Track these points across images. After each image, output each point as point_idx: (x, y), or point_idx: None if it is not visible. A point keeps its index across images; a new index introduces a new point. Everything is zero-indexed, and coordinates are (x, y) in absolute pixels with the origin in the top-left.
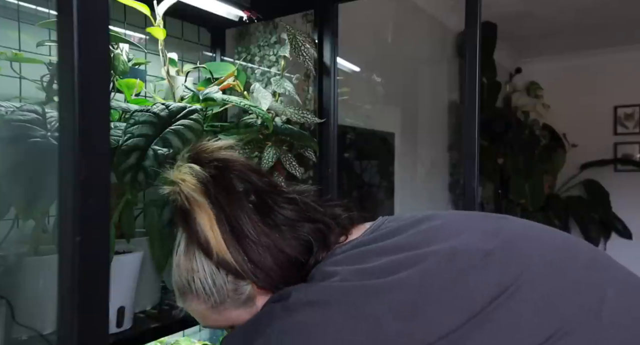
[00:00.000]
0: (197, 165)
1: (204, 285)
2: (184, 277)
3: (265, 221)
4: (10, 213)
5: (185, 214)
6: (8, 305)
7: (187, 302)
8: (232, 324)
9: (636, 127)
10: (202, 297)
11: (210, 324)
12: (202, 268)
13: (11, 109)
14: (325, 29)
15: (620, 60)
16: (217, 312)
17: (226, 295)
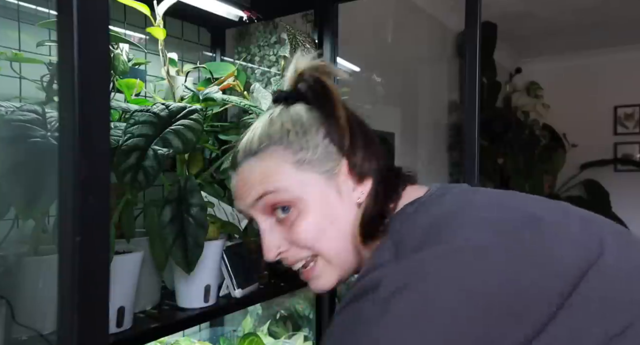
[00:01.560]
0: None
1: (301, 138)
2: (278, 128)
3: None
4: (10, 213)
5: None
6: (8, 305)
7: (265, 153)
8: (300, 194)
9: (636, 127)
10: (294, 148)
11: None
12: (302, 124)
13: (11, 109)
14: (325, 29)
15: (620, 60)
16: (298, 170)
17: (316, 155)
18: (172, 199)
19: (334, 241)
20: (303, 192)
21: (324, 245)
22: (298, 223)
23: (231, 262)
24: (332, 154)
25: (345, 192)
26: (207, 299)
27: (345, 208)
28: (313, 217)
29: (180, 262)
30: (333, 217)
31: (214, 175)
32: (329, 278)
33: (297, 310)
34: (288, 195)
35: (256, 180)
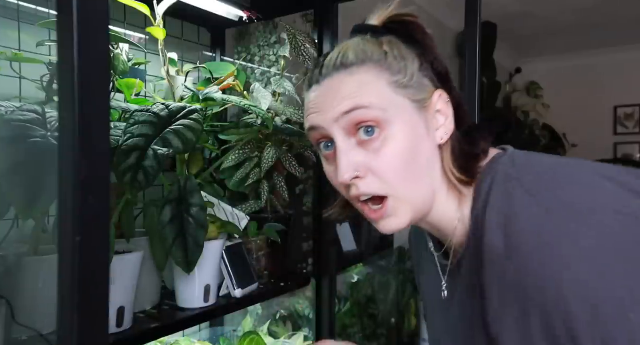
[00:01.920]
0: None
1: (399, 61)
2: (376, 48)
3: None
4: (10, 213)
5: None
6: (8, 305)
7: (360, 69)
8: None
9: (636, 127)
10: (392, 70)
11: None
12: (400, 49)
13: (11, 109)
14: (325, 29)
15: (620, 60)
16: (393, 90)
17: (412, 82)
18: (172, 199)
19: (412, 176)
20: (395, 115)
21: (402, 179)
22: (382, 149)
23: (231, 262)
24: (425, 87)
25: (432, 128)
26: (207, 299)
27: (429, 145)
28: (399, 146)
29: (180, 262)
30: (417, 150)
31: (214, 175)
32: (403, 218)
33: (297, 310)
34: (380, 114)
35: (348, 93)
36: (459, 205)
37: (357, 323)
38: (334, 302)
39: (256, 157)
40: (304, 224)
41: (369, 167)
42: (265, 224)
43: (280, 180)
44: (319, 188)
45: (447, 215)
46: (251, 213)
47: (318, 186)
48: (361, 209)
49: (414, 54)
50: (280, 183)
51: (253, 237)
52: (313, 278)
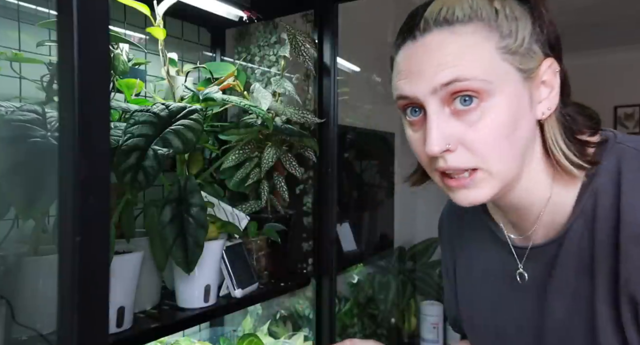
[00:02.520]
0: None
1: (511, 22)
2: (486, 4)
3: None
4: (10, 213)
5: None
6: (8, 305)
7: (466, 28)
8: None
9: (636, 127)
10: (502, 31)
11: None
12: (512, 8)
13: (11, 109)
14: (325, 29)
15: (620, 60)
16: (502, 56)
17: (522, 47)
18: (172, 199)
19: (507, 152)
20: (499, 85)
21: (497, 154)
22: (480, 122)
23: (231, 262)
24: (535, 54)
25: (535, 101)
26: (207, 299)
27: (529, 119)
28: (498, 119)
29: (180, 262)
30: (517, 125)
31: (214, 175)
32: (486, 192)
33: (297, 310)
34: (482, 85)
35: (448, 60)
36: (553, 184)
37: (357, 323)
38: (334, 302)
39: (256, 157)
40: (304, 224)
41: (462, 140)
42: (265, 224)
43: (280, 180)
44: (319, 188)
45: (534, 194)
46: (251, 213)
47: (318, 186)
48: (439, 178)
49: (527, 15)
50: (280, 183)
51: (253, 237)
52: (313, 278)
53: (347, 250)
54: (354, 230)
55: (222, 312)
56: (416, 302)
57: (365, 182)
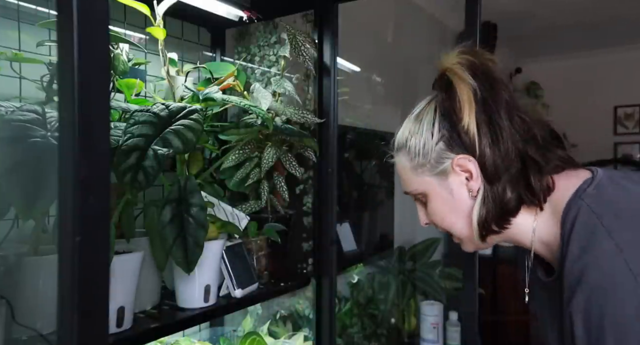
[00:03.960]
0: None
1: (417, 145)
2: (405, 135)
3: (511, 120)
4: (10, 213)
5: (448, 84)
6: (8, 305)
7: (398, 156)
8: (423, 191)
9: (636, 127)
10: (411, 154)
11: (406, 188)
12: (422, 132)
13: (11, 109)
14: (325, 29)
15: (620, 60)
16: (415, 173)
17: (428, 160)
18: (172, 199)
19: (456, 224)
20: (425, 189)
21: (449, 228)
22: (428, 209)
23: (231, 262)
24: (446, 157)
25: (455, 191)
26: (207, 299)
27: (460, 202)
28: (436, 207)
29: (180, 262)
30: (451, 208)
31: (214, 175)
32: (466, 247)
33: (297, 310)
34: (417, 192)
35: (399, 177)
36: (535, 220)
37: (357, 323)
38: (334, 302)
39: (256, 157)
40: (304, 224)
41: (430, 220)
42: (265, 224)
43: (280, 180)
44: (319, 188)
45: (518, 234)
46: (251, 213)
47: (318, 186)
48: None
49: (439, 125)
50: (280, 183)
51: (253, 237)
52: (313, 278)
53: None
54: (354, 230)
55: (222, 312)
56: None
57: (365, 182)
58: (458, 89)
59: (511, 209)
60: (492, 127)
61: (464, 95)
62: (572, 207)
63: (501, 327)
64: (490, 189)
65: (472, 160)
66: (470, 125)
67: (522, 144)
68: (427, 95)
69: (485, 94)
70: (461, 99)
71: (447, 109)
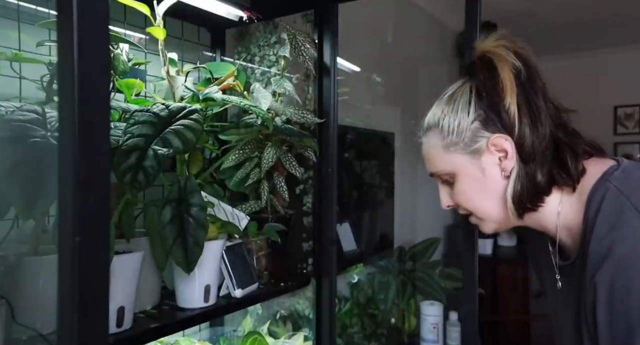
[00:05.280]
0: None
1: (450, 124)
2: (438, 115)
3: (547, 108)
4: (10, 213)
5: (490, 65)
6: (8, 305)
7: (428, 136)
8: (452, 171)
9: (636, 127)
10: (443, 133)
11: (432, 168)
12: (457, 111)
13: (11, 109)
14: (325, 29)
15: (620, 60)
16: (447, 151)
17: (462, 139)
18: (172, 199)
19: (483, 206)
20: (454, 169)
21: (474, 208)
22: (454, 189)
23: (231, 262)
24: (479, 137)
25: (488, 170)
26: (207, 299)
27: (491, 181)
28: (463, 187)
29: (180, 262)
30: (480, 187)
31: (214, 175)
32: (485, 228)
33: (297, 310)
34: (444, 172)
35: (426, 158)
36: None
37: (357, 323)
38: (334, 302)
39: (256, 157)
40: (304, 224)
41: (453, 200)
42: (265, 224)
43: (280, 180)
44: (319, 188)
45: (543, 218)
46: (251, 213)
47: (318, 186)
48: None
49: (475, 105)
50: (280, 183)
51: (253, 237)
52: (313, 278)
53: (347, 250)
54: (354, 230)
55: (222, 312)
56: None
57: (365, 182)
58: (500, 69)
59: (543, 188)
60: (531, 108)
61: (507, 76)
62: (598, 188)
63: (501, 327)
64: (524, 168)
65: (508, 139)
66: (512, 105)
67: (555, 129)
68: (427, 95)
69: (525, 77)
70: (504, 79)
71: (488, 88)
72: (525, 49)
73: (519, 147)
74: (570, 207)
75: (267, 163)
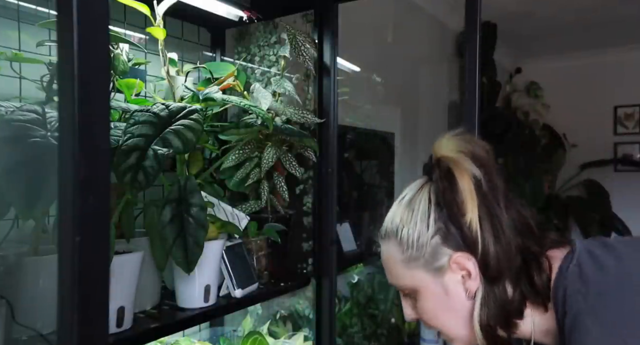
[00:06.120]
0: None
1: (410, 237)
2: (396, 223)
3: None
4: (10, 213)
5: (449, 174)
6: (8, 305)
7: (386, 244)
8: (413, 287)
9: (636, 127)
10: (403, 246)
11: (393, 281)
12: (416, 222)
13: (11, 109)
14: (325, 29)
15: (620, 60)
16: (407, 267)
17: (422, 254)
18: (172, 199)
19: (449, 326)
20: (415, 285)
21: (440, 327)
22: (418, 306)
23: (231, 262)
24: (443, 253)
25: (451, 289)
26: (207, 299)
27: (456, 301)
28: (427, 305)
29: (180, 262)
30: (445, 307)
31: (214, 175)
32: (457, 343)
33: (297, 310)
34: (404, 288)
35: (385, 268)
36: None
37: (357, 323)
38: (334, 302)
39: (256, 157)
40: (304, 224)
41: (419, 317)
42: (265, 224)
43: (280, 180)
44: (319, 188)
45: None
46: (251, 213)
47: (318, 186)
48: None
49: (435, 217)
50: (280, 183)
51: (253, 237)
52: (313, 278)
53: (347, 250)
54: (354, 230)
55: (222, 312)
56: None
57: (365, 182)
58: (460, 180)
59: (515, 309)
60: (494, 223)
61: (467, 188)
62: (559, 288)
63: None
64: (491, 289)
65: (471, 258)
66: (473, 221)
67: (521, 238)
68: (427, 95)
69: (485, 186)
70: (464, 192)
71: (447, 200)
72: (484, 149)
73: (483, 266)
74: (543, 314)
75: (267, 163)
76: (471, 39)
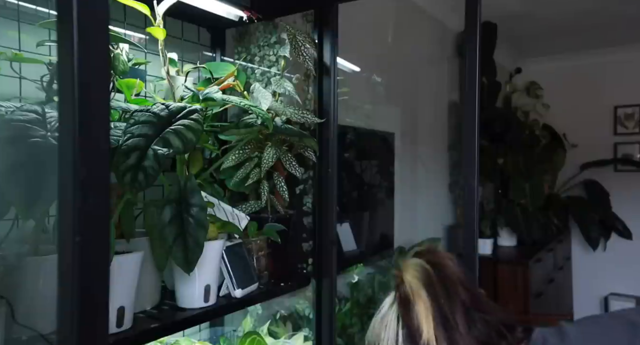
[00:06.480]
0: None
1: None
2: (373, 338)
3: (469, 326)
4: (10, 213)
5: (406, 300)
6: (8, 305)
7: None
8: None
9: (636, 127)
10: None
11: None
12: (388, 338)
13: (11, 109)
14: (325, 29)
15: (620, 60)
16: None
17: None
18: (172, 199)
19: None
20: None
21: None
22: None
23: (231, 262)
24: None
25: None
26: (207, 299)
27: None
28: None
29: (180, 262)
30: None
31: (214, 175)
32: None
33: (297, 310)
34: None
35: None
36: None
37: (357, 323)
38: (334, 302)
39: (256, 157)
40: (304, 224)
41: None
42: (265, 224)
43: (280, 180)
44: (319, 188)
45: None
46: (251, 213)
47: (318, 186)
48: None
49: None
50: (280, 183)
51: (253, 237)
52: (313, 278)
53: (347, 250)
54: (354, 230)
55: (222, 312)
56: None
57: (365, 182)
58: (416, 305)
59: None
60: (450, 340)
61: (422, 312)
62: None
63: None
64: None
65: None
66: (431, 341)
67: (483, 336)
68: (427, 95)
69: (443, 305)
70: (419, 316)
71: (405, 322)
72: (449, 258)
73: None
74: None
75: (267, 163)
76: (471, 39)
